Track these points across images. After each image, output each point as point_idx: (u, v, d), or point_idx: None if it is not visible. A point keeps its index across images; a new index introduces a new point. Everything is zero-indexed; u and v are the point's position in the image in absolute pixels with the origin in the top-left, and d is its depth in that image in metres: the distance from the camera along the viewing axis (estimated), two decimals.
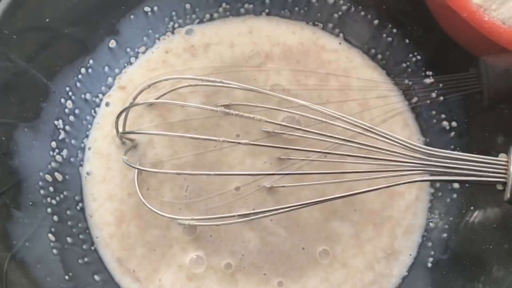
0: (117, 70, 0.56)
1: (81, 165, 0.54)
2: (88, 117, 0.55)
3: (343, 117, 0.45)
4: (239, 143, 0.46)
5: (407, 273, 0.53)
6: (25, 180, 0.48)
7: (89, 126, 0.55)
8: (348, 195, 0.43)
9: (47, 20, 0.50)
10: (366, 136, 0.45)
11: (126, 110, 0.51)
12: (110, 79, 0.56)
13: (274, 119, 0.53)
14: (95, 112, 0.55)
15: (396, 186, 0.45)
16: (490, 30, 0.46)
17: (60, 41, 0.52)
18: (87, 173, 0.54)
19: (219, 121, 0.55)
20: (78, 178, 0.53)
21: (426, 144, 0.56)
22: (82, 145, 0.54)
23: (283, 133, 0.54)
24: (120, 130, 0.52)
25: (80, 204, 0.53)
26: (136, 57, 0.57)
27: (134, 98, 0.52)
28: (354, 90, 0.57)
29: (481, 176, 0.41)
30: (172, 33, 0.58)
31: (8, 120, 0.48)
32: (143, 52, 0.57)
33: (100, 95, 0.56)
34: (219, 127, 0.55)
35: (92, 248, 0.52)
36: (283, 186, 0.53)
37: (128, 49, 0.57)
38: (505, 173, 0.40)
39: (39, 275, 0.45)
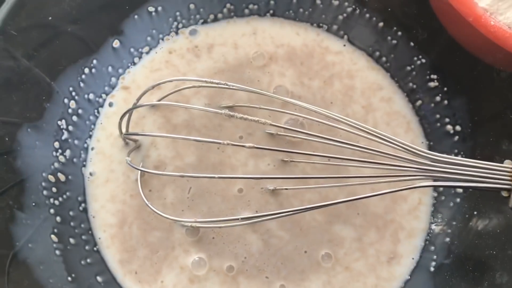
0: (120, 70, 0.56)
1: (84, 166, 0.54)
2: (91, 117, 0.55)
3: (347, 120, 0.45)
4: (243, 146, 0.46)
5: (409, 277, 0.53)
6: (28, 181, 0.48)
7: (92, 126, 0.55)
8: (351, 200, 0.43)
9: (51, 19, 0.50)
10: (369, 140, 0.44)
11: (129, 111, 0.51)
12: (113, 79, 0.56)
13: (278, 121, 0.54)
14: (98, 112, 0.55)
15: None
16: (496, 34, 0.46)
17: (64, 41, 0.52)
18: (90, 174, 0.54)
19: (222, 122, 0.55)
20: (81, 178, 0.53)
21: (430, 147, 0.56)
22: (85, 145, 0.54)
23: (286, 135, 0.54)
24: (124, 131, 0.52)
25: (83, 205, 0.53)
26: (140, 57, 0.57)
27: (138, 99, 0.52)
28: (358, 93, 0.57)
29: (485, 182, 0.41)
30: (176, 33, 0.58)
31: (12, 120, 0.48)
32: (147, 53, 0.57)
33: (104, 95, 0.55)
34: (222, 128, 0.55)
35: (95, 249, 0.52)
36: (286, 189, 0.53)
37: (131, 49, 0.56)
38: (510, 180, 0.40)
39: (42, 276, 0.45)
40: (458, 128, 0.55)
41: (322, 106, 0.55)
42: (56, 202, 0.50)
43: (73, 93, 0.53)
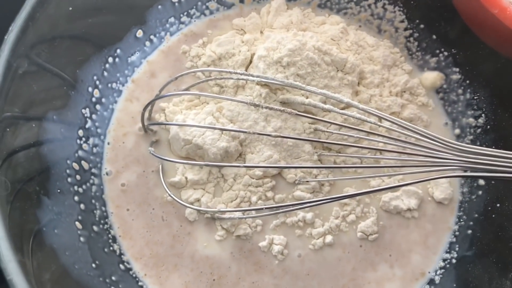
0: (142, 60, 0.56)
1: (104, 156, 0.53)
2: (113, 106, 0.55)
3: (382, 114, 0.45)
4: (269, 135, 0.46)
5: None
6: (53, 168, 0.48)
7: (114, 115, 0.55)
8: (385, 189, 0.43)
9: (75, 9, 0.49)
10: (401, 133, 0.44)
11: (152, 102, 0.51)
12: (136, 69, 0.56)
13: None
14: (120, 101, 0.55)
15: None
16: None
17: (89, 31, 0.52)
18: (107, 169, 0.53)
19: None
20: (101, 169, 0.53)
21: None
22: (107, 134, 0.54)
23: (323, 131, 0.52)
24: (145, 122, 0.53)
25: (104, 194, 0.52)
26: (162, 47, 0.57)
27: (160, 90, 0.52)
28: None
29: None
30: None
31: (38, 108, 0.48)
32: (169, 42, 0.57)
33: (125, 85, 0.56)
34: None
35: (116, 237, 0.51)
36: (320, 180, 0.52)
37: (154, 39, 0.57)
38: None
39: (68, 262, 0.44)
40: (480, 121, 0.55)
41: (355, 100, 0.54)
42: (80, 190, 0.50)
43: (97, 82, 0.53)
